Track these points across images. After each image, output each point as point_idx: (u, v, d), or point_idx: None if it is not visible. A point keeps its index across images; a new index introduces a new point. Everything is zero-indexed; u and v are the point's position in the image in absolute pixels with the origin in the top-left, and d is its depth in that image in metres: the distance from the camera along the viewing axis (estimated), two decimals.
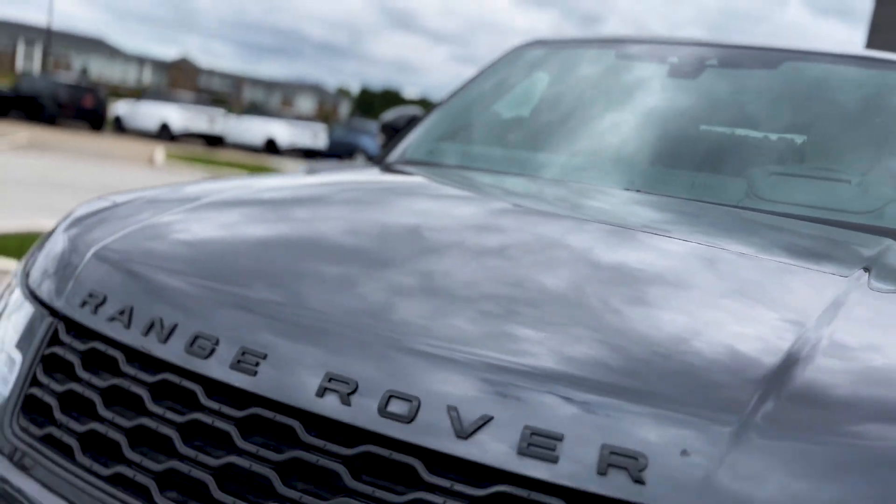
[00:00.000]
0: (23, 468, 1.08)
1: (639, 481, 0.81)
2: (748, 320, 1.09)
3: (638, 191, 1.94)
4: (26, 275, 1.34)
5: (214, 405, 0.99)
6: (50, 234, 1.45)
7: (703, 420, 0.86)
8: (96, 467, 1.03)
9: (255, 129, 26.29)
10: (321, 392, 0.93)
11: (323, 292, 1.11)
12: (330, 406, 0.93)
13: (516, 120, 2.52)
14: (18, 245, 5.30)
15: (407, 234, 1.37)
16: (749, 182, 1.96)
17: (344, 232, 1.40)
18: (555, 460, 0.84)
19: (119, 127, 26.37)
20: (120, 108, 26.83)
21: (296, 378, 0.96)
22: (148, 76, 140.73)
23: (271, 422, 0.96)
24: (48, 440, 1.10)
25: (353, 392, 0.93)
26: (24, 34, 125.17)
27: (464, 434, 0.87)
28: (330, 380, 0.94)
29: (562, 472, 0.84)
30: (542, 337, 1.00)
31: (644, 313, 1.08)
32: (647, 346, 0.98)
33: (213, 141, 25.54)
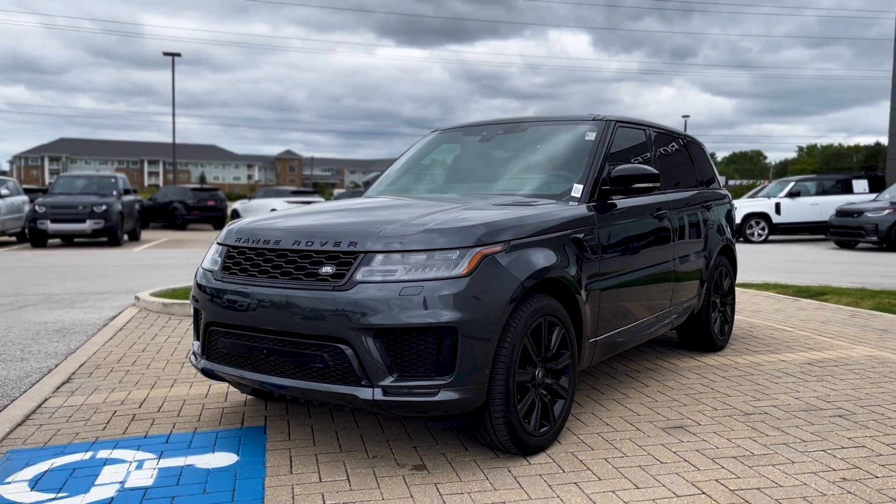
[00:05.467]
0: (225, 280, 3.79)
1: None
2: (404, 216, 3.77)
3: (444, 193, 4.66)
4: (217, 238, 4.15)
5: (265, 253, 3.70)
6: (226, 227, 4.25)
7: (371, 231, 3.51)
8: (240, 275, 3.74)
9: None
10: (295, 243, 3.62)
11: (304, 225, 3.83)
12: (296, 248, 3.62)
13: (415, 170, 5.28)
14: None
15: (359, 209, 4.15)
16: (485, 183, 4.64)
17: (328, 209, 4.20)
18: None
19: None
20: (236, 204, 31.87)
21: (285, 243, 3.64)
22: (257, 174, 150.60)
23: (279, 255, 3.65)
24: (232, 272, 3.82)
25: (299, 242, 3.62)
26: (146, 151, 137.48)
27: (313, 247, 3.53)
28: (294, 241, 3.64)
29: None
30: (344, 219, 3.79)
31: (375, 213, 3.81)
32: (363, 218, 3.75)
33: None
